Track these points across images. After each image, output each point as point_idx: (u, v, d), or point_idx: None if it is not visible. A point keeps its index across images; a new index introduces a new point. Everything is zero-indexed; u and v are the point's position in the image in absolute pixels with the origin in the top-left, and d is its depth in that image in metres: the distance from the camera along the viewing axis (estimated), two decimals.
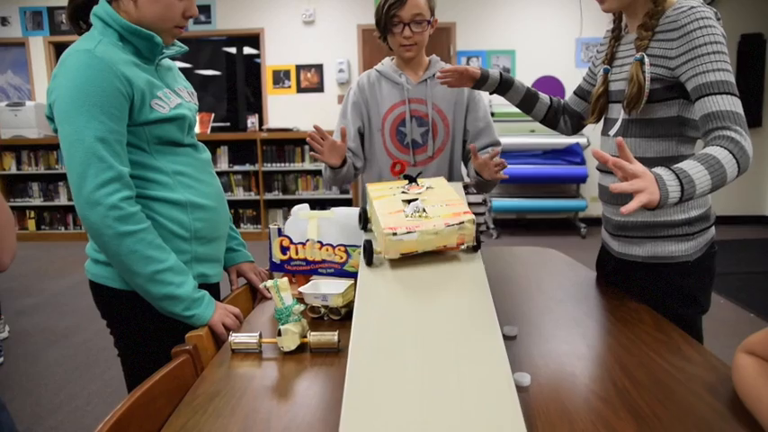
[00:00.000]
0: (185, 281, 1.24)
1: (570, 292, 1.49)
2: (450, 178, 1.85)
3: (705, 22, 1.20)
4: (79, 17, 1.31)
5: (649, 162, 1.31)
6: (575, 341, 1.16)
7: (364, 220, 1.17)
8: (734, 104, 1.18)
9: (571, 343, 1.15)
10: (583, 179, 5.98)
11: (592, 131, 1.58)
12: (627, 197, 1.30)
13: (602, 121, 1.50)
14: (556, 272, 1.59)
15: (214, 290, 1.41)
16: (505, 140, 5.75)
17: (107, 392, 2.72)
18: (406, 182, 1.16)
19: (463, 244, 0.95)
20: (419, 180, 1.17)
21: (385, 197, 1.07)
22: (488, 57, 6.25)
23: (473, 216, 0.94)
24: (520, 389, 0.94)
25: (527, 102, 1.65)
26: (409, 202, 1.02)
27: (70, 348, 3.28)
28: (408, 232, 0.91)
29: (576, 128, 1.70)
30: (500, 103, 6.02)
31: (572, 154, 5.93)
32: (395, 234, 0.90)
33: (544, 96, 1.67)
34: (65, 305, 4.09)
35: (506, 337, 1.14)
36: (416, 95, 1.82)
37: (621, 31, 1.43)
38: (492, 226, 6.10)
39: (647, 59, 1.27)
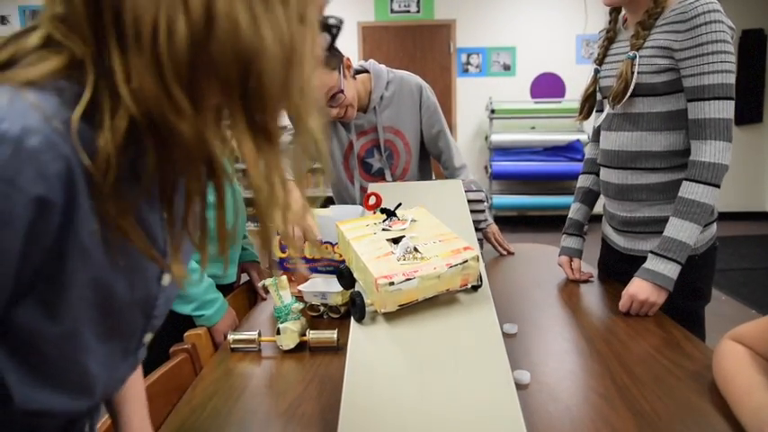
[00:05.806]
0: (198, 280, 1.24)
1: (570, 289, 1.48)
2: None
3: (713, 17, 1.18)
4: None
5: (657, 156, 1.32)
6: (574, 338, 1.16)
7: (349, 278, 0.92)
8: (720, 110, 1.20)
9: (571, 340, 1.15)
10: None
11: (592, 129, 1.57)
12: (636, 192, 1.36)
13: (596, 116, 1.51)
14: (556, 269, 1.59)
15: (227, 291, 1.41)
16: (506, 137, 5.75)
17: None
18: (383, 216, 0.96)
19: (467, 284, 0.83)
20: (398, 213, 0.97)
21: (365, 237, 0.90)
22: (489, 53, 6.23)
23: (476, 252, 0.83)
24: (519, 386, 0.94)
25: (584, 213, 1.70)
26: (395, 241, 0.87)
27: None
28: (407, 279, 0.77)
29: None
30: (499, 100, 6.01)
31: (573, 151, 5.91)
32: (392, 284, 0.76)
33: (590, 197, 1.70)
34: None
35: (506, 335, 1.14)
36: (367, 127, 1.75)
37: (616, 30, 1.43)
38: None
39: (638, 59, 1.28)
